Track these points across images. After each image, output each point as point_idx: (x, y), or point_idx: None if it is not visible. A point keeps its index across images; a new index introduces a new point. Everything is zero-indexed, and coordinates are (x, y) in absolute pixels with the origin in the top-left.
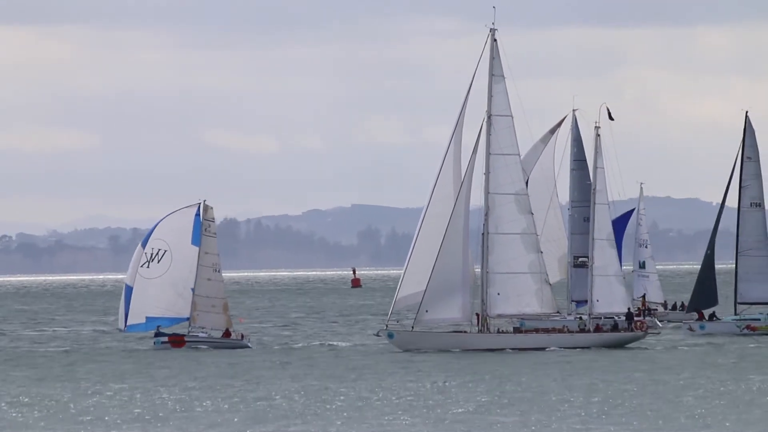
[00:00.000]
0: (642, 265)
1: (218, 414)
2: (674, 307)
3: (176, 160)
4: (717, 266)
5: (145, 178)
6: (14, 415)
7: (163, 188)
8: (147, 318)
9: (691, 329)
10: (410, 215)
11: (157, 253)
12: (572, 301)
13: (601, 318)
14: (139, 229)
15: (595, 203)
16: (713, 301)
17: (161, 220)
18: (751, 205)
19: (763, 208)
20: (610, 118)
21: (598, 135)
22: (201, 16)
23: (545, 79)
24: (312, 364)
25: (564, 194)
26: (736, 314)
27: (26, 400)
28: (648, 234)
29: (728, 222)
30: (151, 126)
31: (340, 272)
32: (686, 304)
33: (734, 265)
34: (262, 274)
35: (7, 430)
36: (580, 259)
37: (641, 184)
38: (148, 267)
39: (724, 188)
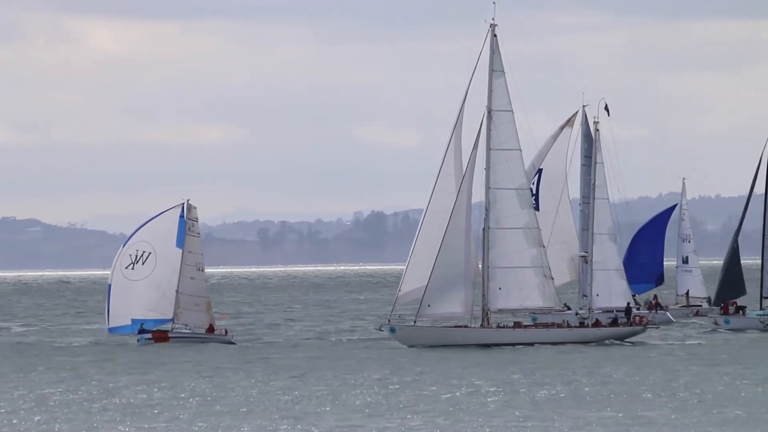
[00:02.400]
0: (685, 260)
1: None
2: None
3: (323, 155)
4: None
5: (292, 172)
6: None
7: (310, 182)
8: (132, 320)
9: (716, 323)
10: None
11: (142, 255)
12: (584, 296)
13: (613, 311)
14: (288, 222)
15: (594, 198)
16: (741, 291)
17: (145, 222)
18: None
19: None
20: (608, 113)
21: (597, 130)
22: (343, 10)
23: (691, 73)
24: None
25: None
26: (761, 309)
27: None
28: (690, 229)
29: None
30: (295, 120)
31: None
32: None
33: (760, 260)
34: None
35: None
36: (581, 255)
37: (683, 179)
38: (132, 269)
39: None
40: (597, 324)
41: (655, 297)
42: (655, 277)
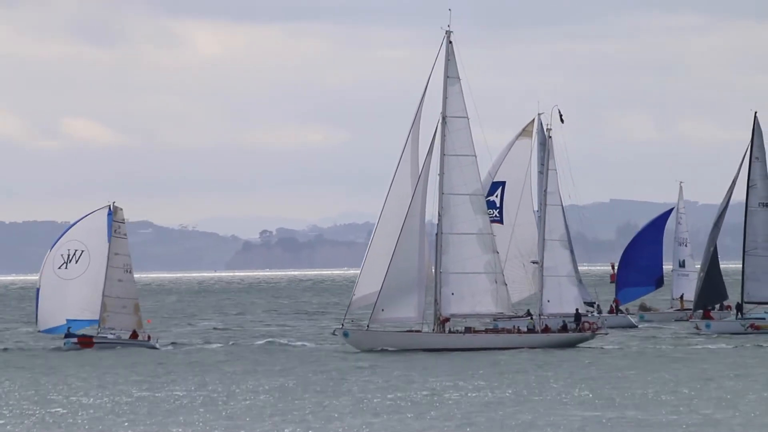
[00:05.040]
0: (681, 264)
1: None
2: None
3: None
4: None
5: None
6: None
7: None
8: (67, 320)
9: (697, 328)
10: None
11: (74, 254)
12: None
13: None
14: None
15: (546, 204)
16: (723, 296)
17: (74, 223)
18: (759, 205)
19: None
20: (561, 120)
21: (550, 137)
22: (440, 12)
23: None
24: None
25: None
26: (742, 313)
27: None
28: (688, 233)
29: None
30: (399, 121)
31: (599, 267)
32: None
33: (741, 265)
34: None
35: None
36: (532, 261)
37: (680, 183)
38: (66, 268)
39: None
40: (546, 330)
41: (616, 301)
42: (655, 280)
